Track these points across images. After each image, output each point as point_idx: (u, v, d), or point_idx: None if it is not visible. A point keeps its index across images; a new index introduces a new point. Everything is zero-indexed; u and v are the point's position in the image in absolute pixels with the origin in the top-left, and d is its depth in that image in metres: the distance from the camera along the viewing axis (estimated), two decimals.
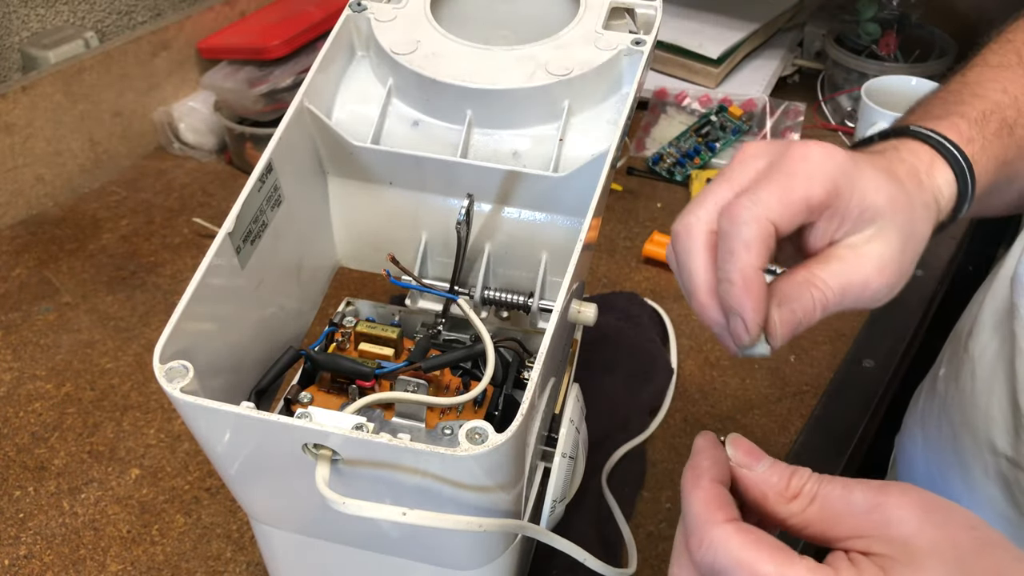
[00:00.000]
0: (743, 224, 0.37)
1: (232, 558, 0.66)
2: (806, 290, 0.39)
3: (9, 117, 0.95)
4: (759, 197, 0.38)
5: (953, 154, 0.45)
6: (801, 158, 0.39)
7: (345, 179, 0.59)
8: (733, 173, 0.41)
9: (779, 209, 0.38)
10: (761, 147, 0.41)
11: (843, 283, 0.39)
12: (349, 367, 0.51)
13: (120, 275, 0.92)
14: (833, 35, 1.15)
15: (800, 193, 0.38)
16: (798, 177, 0.38)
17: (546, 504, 0.52)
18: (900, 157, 0.44)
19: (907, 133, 0.46)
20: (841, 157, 0.39)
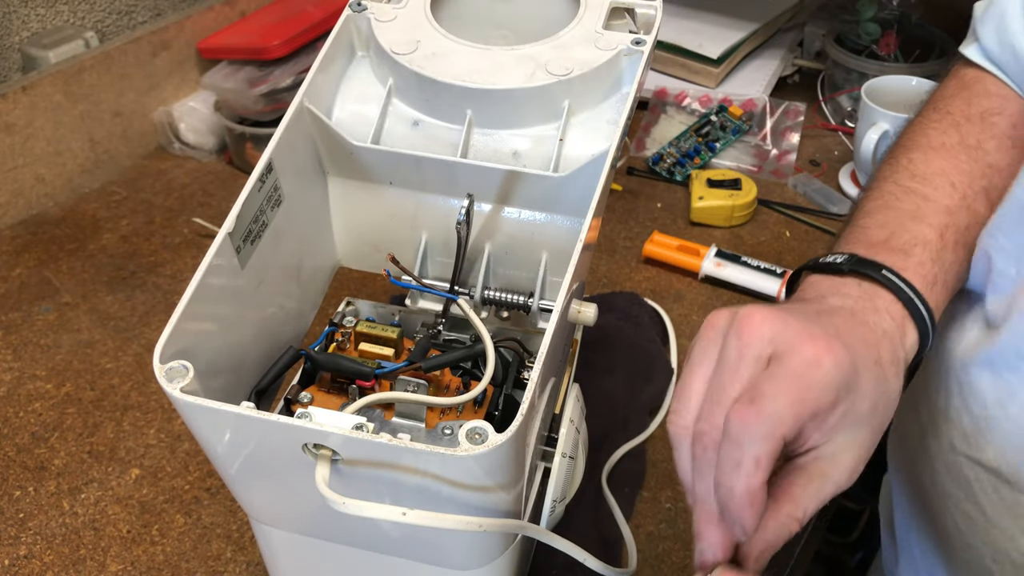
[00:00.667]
0: (757, 440, 0.37)
1: (232, 558, 0.66)
2: (786, 530, 0.40)
3: (9, 117, 0.95)
4: (774, 411, 0.37)
5: (922, 316, 0.46)
6: (814, 364, 0.38)
7: (345, 179, 0.59)
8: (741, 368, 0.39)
9: (791, 424, 0.37)
10: (767, 328, 0.39)
11: (822, 498, 0.40)
12: (349, 367, 0.51)
13: (120, 275, 0.92)
14: (833, 35, 1.15)
15: (812, 406, 0.38)
16: (812, 389, 0.38)
17: (546, 504, 0.52)
18: (884, 330, 0.44)
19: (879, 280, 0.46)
20: (847, 364, 0.39)
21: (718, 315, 0.41)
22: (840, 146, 1.11)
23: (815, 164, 1.07)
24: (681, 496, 0.70)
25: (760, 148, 1.08)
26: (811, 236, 0.96)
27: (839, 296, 0.45)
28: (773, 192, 1.02)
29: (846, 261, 0.47)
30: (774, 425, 0.37)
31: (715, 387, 0.40)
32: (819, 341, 0.38)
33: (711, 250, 0.90)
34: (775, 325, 0.39)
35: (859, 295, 0.45)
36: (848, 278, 0.46)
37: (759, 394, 0.38)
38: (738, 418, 0.37)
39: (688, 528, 0.67)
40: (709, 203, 0.96)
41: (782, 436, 0.37)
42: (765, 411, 0.37)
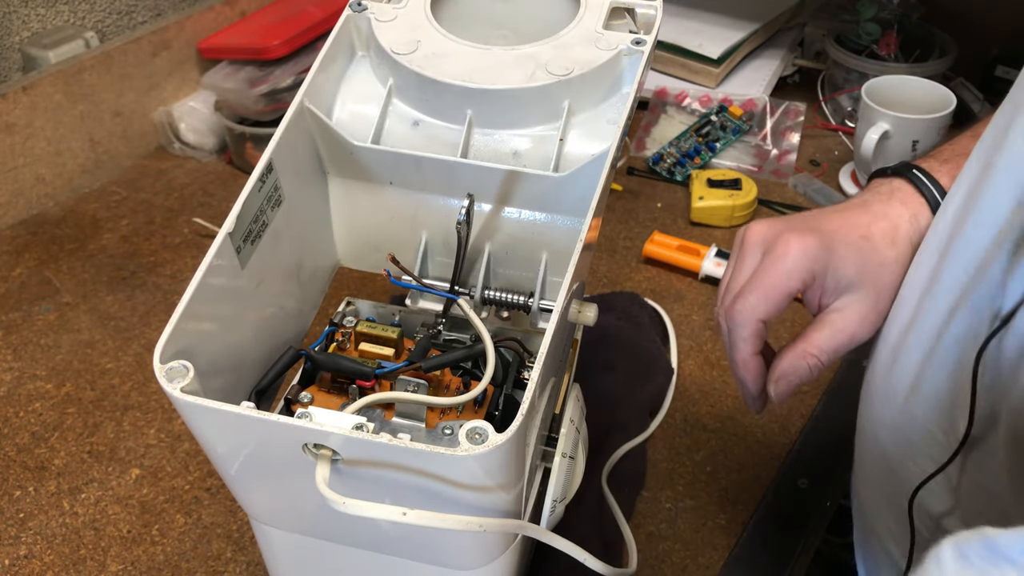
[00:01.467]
0: (740, 326, 0.51)
1: (232, 558, 0.66)
2: (803, 361, 0.51)
3: (9, 117, 0.95)
4: (748, 302, 0.51)
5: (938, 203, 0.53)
6: (782, 255, 0.50)
7: (345, 179, 0.59)
8: (743, 261, 0.53)
9: (765, 308, 0.50)
10: (761, 232, 0.52)
11: (835, 344, 0.51)
12: (349, 367, 0.51)
13: (120, 275, 0.92)
14: (833, 35, 1.15)
15: (781, 290, 0.50)
16: (779, 276, 0.50)
17: (546, 504, 0.52)
18: (885, 212, 0.53)
19: (907, 176, 0.55)
20: (814, 248, 0.50)
21: (740, 229, 0.55)
22: (840, 146, 1.11)
23: (815, 164, 1.07)
24: (681, 496, 0.70)
25: (760, 148, 1.08)
26: None
27: (868, 192, 0.56)
28: (773, 192, 1.02)
29: (893, 167, 0.56)
30: (750, 314, 0.51)
31: (729, 284, 0.53)
32: (789, 236, 0.50)
33: (711, 250, 0.90)
34: (766, 231, 0.52)
35: (884, 190, 0.55)
36: (888, 178, 0.56)
37: (740, 292, 0.51)
38: (727, 311, 0.52)
39: (688, 528, 0.67)
40: (709, 203, 0.96)
41: (758, 320, 0.51)
42: (741, 305, 0.51)
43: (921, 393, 0.50)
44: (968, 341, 0.46)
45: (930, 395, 0.49)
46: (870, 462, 0.57)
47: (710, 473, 0.72)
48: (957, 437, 0.47)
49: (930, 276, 0.50)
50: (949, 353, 0.48)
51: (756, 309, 0.51)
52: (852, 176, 1.03)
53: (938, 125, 0.94)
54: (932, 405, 0.49)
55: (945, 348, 0.48)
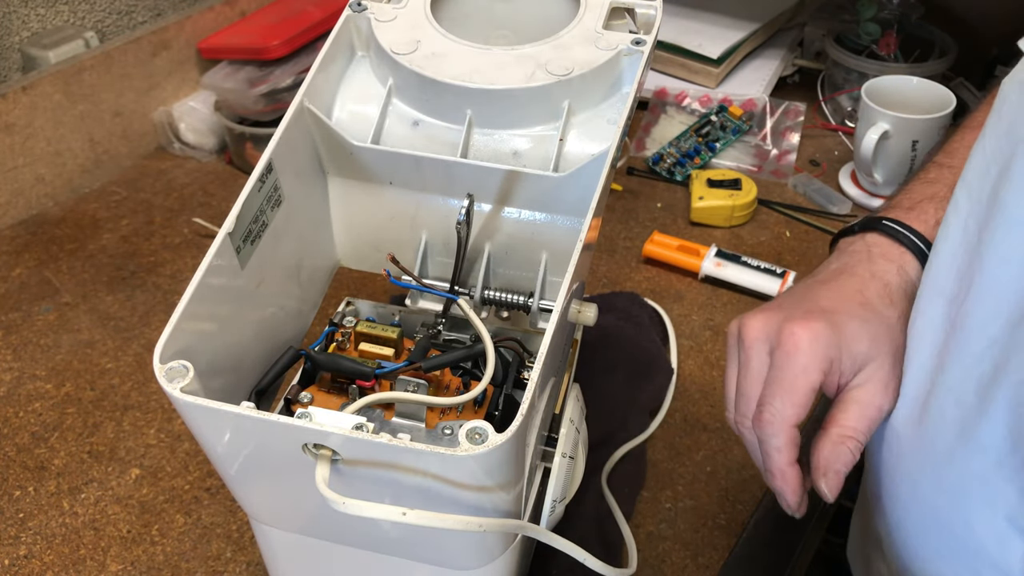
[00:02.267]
0: (772, 436, 0.48)
1: (232, 558, 0.66)
2: (843, 446, 0.48)
3: (9, 117, 0.95)
4: (775, 410, 0.48)
5: (921, 250, 0.52)
6: (792, 351, 0.48)
7: (345, 179, 0.59)
8: (749, 363, 0.50)
9: (794, 412, 0.48)
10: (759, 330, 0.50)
11: (867, 421, 0.49)
12: (349, 367, 0.51)
13: (120, 275, 0.92)
14: (833, 35, 1.15)
15: (804, 388, 0.48)
16: (798, 376, 0.48)
17: (546, 504, 0.52)
18: (872, 272, 0.52)
19: (880, 229, 0.54)
20: (825, 334, 0.48)
21: (732, 325, 0.52)
22: (840, 146, 1.11)
23: (815, 164, 1.07)
24: (681, 496, 0.70)
25: (760, 148, 1.08)
26: (811, 236, 0.96)
27: (844, 255, 0.54)
28: (773, 192, 1.02)
29: (858, 223, 0.55)
30: (780, 423, 0.48)
31: (741, 389, 0.51)
32: (794, 327, 0.48)
33: (711, 250, 0.90)
34: (764, 326, 0.50)
35: (860, 248, 0.54)
36: (858, 235, 0.55)
37: (763, 402, 0.49)
38: (756, 425, 0.49)
39: (688, 529, 0.67)
40: (709, 203, 0.96)
41: (791, 427, 0.48)
42: (769, 415, 0.48)
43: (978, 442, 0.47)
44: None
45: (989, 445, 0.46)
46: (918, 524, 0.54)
47: (710, 473, 0.72)
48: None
49: (946, 322, 0.48)
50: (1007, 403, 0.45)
51: (785, 415, 0.48)
52: (852, 176, 1.03)
53: (938, 125, 0.94)
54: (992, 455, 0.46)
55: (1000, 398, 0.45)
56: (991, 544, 0.48)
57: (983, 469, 0.47)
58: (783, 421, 0.48)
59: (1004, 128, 0.47)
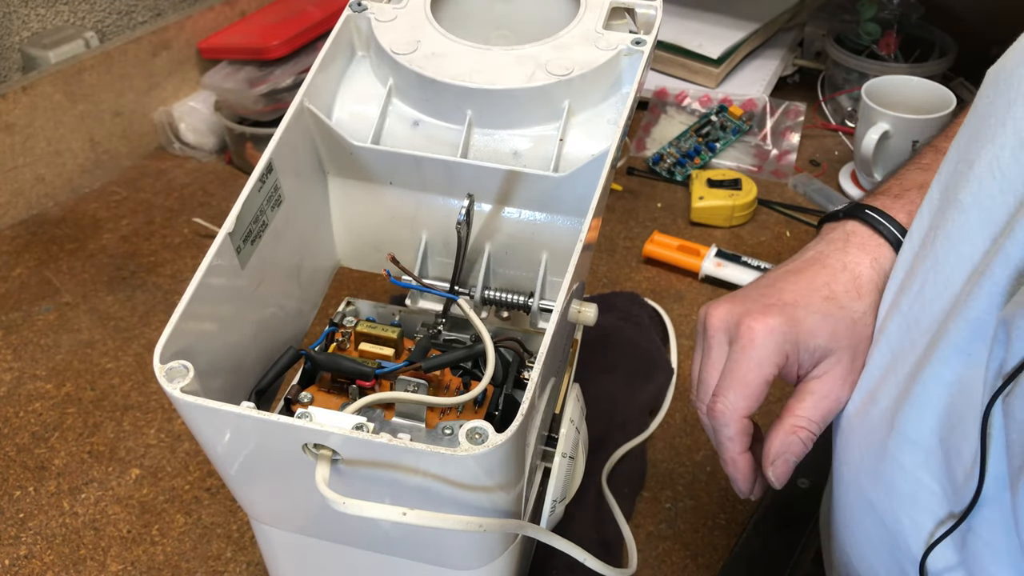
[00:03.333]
0: (724, 426, 0.50)
1: (232, 558, 0.66)
2: (794, 436, 0.49)
3: (9, 117, 0.95)
4: (728, 401, 0.49)
5: (899, 240, 0.51)
6: (748, 344, 0.48)
7: (345, 179, 0.59)
8: (711, 351, 0.51)
9: (745, 404, 0.49)
10: (720, 319, 0.50)
11: (822, 412, 0.50)
12: (349, 367, 0.51)
13: (120, 275, 0.92)
14: (833, 35, 1.15)
15: (757, 382, 0.48)
16: (751, 369, 0.48)
17: (546, 504, 0.52)
18: (844, 263, 0.52)
19: (861, 217, 0.53)
20: (780, 330, 0.48)
21: (701, 310, 0.52)
22: (840, 146, 1.11)
23: (815, 164, 1.07)
24: (681, 496, 0.70)
25: (760, 148, 1.08)
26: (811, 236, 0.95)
27: (823, 242, 0.54)
28: (773, 192, 1.02)
29: (843, 208, 0.55)
30: (732, 413, 0.49)
31: (701, 376, 0.52)
32: (751, 322, 0.48)
33: (711, 250, 0.90)
34: (725, 316, 0.50)
35: (838, 236, 0.53)
36: (841, 221, 0.54)
37: (718, 392, 0.50)
38: (710, 414, 0.50)
39: (688, 529, 0.67)
40: (709, 203, 0.96)
41: (741, 418, 0.49)
42: (722, 405, 0.49)
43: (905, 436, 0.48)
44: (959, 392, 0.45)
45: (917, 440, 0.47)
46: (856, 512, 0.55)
47: (710, 473, 0.72)
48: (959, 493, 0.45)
49: (902, 319, 0.49)
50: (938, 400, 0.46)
51: (737, 407, 0.49)
52: (852, 176, 1.03)
53: (938, 125, 0.94)
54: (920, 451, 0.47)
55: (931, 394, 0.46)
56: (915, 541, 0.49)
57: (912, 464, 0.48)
58: (734, 412, 0.49)
59: (976, 124, 0.47)
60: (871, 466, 0.51)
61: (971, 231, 0.45)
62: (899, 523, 0.50)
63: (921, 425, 0.47)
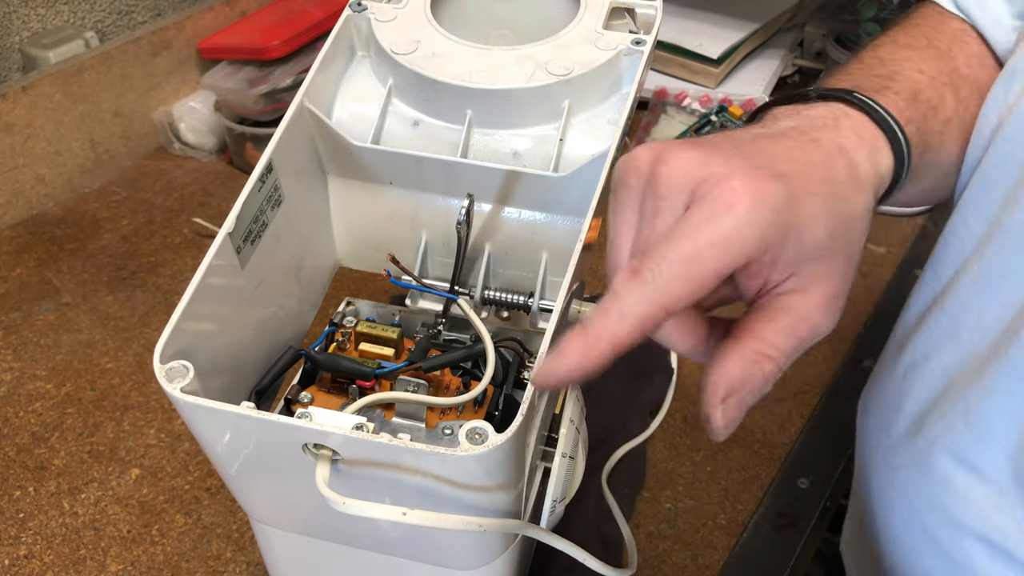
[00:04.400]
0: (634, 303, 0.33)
1: (232, 558, 0.66)
2: (757, 367, 0.35)
3: (9, 117, 0.95)
4: (660, 271, 0.33)
5: (897, 136, 0.42)
6: (724, 210, 0.33)
7: (345, 179, 0.59)
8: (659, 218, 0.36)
9: (680, 289, 0.33)
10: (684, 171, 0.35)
11: (795, 341, 0.36)
12: (349, 367, 0.51)
13: (120, 275, 0.92)
14: (833, 35, 1.15)
15: (712, 266, 0.33)
16: (713, 245, 0.33)
17: (546, 504, 0.52)
18: (839, 144, 0.40)
19: (851, 101, 0.42)
20: (776, 202, 0.34)
21: (639, 153, 0.37)
22: None
23: None
24: (681, 496, 0.70)
25: None
26: None
27: (794, 118, 0.41)
28: None
29: (813, 90, 0.43)
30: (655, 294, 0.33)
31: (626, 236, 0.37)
32: (737, 179, 0.34)
33: None
34: (693, 169, 0.35)
35: (821, 114, 0.41)
36: (817, 103, 0.43)
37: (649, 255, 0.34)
38: (622, 275, 0.34)
39: (688, 528, 0.67)
40: None
41: (661, 304, 0.33)
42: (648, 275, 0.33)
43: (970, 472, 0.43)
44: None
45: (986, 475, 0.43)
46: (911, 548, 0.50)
47: (710, 473, 0.72)
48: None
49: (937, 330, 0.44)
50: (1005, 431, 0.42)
51: (667, 287, 0.33)
52: None
53: None
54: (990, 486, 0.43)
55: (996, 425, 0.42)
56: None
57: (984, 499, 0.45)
58: (660, 291, 0.33)
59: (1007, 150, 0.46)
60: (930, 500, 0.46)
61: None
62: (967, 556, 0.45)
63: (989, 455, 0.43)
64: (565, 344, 0.34)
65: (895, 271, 0.89)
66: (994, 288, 0.46)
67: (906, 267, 0.89)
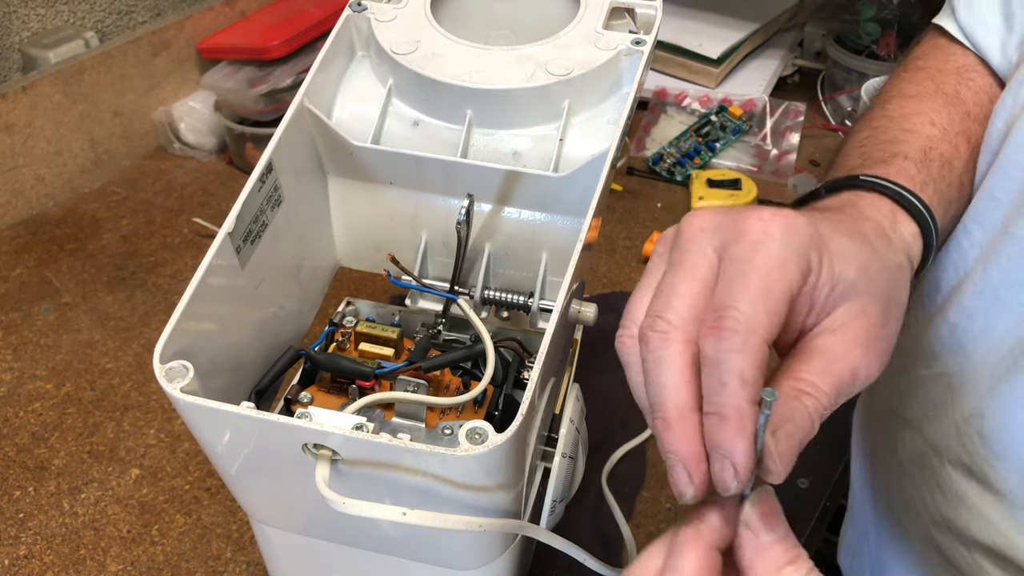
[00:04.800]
0: (735, 353, 0.32)
1: (232, 558, 0.66)
2: (799, 404, 0.34)
3: (9, 117, 0.95)
4: (743, 313, 0.32)
5: (914, 204, 0.42)
6: (765, 238, 0.33)
7: (345, 179, 0.59)
8: (687, 260, 0.35)
9: (768, 321, 0.32)
10: (708, 219, 0.36)
11: (834, 381, 0.35)
12: (349, 367, 0.51)
13: (120, 275, 0.92)
14: (833, 35, 1.15)
15: (781, 291, 0.33)
16: (772, 271, 0.33)
17: (546, 504, 0.52)
18: (862, 215, 0.40)
19: (859, 184, 0.43)
20: (803, 226, 0.34)
21: (665, 233, 0.38)
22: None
23: (815, 164, 1.07)
24: None
25: (760, 148, 1.08)
26: None
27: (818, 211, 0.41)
28: (773, 192, 1.02)
29: (822, 187, 0.44)
30: (748, 331, 0.32)
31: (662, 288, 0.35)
32: (764, 213, 0.34)
33: None
34: (716, 217, 0.35)
35: (837, 203, 0.42)
36: (824, 199, 0.43)
37: (720, 306, 0.33)
38: (709, 339, 0.33)
39: None
40: (709, 203, 0.96)
41: (762, 340, 0.32)
42: (733, 322, 0.32)
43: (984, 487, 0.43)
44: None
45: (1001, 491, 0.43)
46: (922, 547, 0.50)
47: None
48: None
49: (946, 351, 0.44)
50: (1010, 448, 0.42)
51: (757, 324, 0.32)
52: None
53: None
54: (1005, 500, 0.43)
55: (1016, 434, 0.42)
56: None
57: (998, 516, 0.44)
58: (751, 332, 0.32)
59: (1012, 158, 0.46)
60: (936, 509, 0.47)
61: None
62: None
63: (1001, 472, 0.43)
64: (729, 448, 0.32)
65: None
66: (1001, 298, 0.45)
67: None
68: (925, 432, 0.50)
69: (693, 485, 0.33)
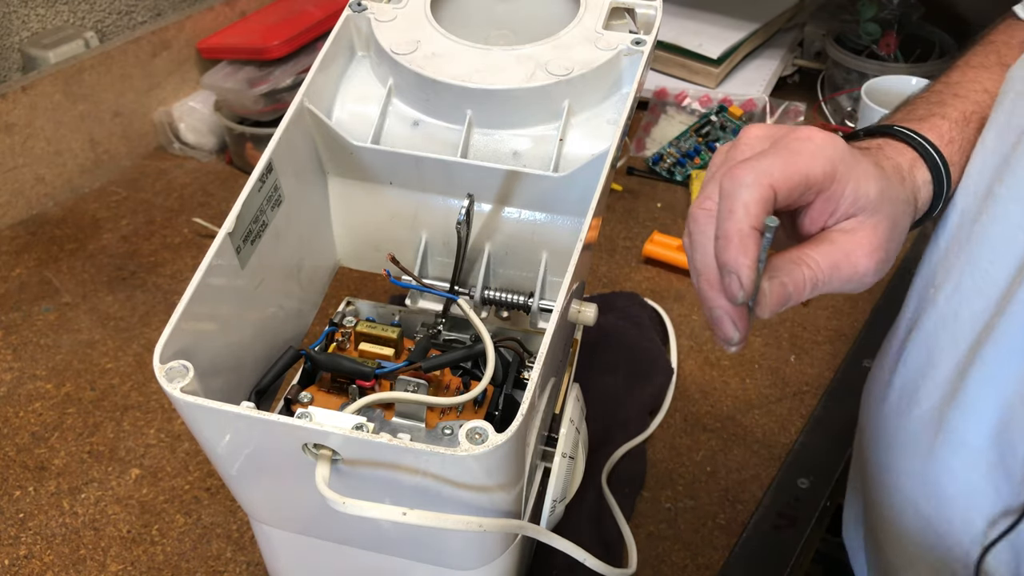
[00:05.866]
0: (744, 186, 0.39)
1: (232, 558, 0.66)
2: (797, 267, 0.40)
3: (9, 117, 0.95)
4: (762, 164, 0.39)
5: (932, 155, 0.48)
6: (805, 138, 0.41)
7: (345, 179, 0.59)
8: (738, 151, 0.43)
9: (780, 176, 0.39)
10: (764, 129, 0.43)
11: (833, 262, 0.41)
12: (349, 367, 0.51)
13: (120, 275, 0.92)
14: (833, 35, 1.15)
15: (802, 167, 0.40)
16: (801, 154, 0.40)
17: (546, 504, 0.52)
18: (885, 155, 0.47)
19: (890, 133, 0.49)
20: (841, 144, 0.41)
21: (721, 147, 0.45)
22: None
23: None
24: (681, 496, 0.70)
25: None
26: None
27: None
28: None
29: (861, 130, 0.51)
30: (761, 173, 0.39)
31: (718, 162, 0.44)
32: (813, 127, 0.42)
33: None
34: (771, 128, 0.43)
35: (866, 144, 0.49)
36: (859, 140, 0.50)
37: (752, 158, 0.40)
38: (729, 175, 0.40)
39: (688, 529, 0.67)
40: None
41: (769, 184, 0.39)
42: (753, 164, 0.39)
43: (955, 438, 0.45)
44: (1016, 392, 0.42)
45: (967, 442, 0.45)
46: (901, 519, 0.52)
47: (710, 473, 0.72)
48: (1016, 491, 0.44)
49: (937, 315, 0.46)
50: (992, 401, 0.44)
51: (771, 172, 0.39)
52: None
53: None
54: (970, 452, 0.45)
55: (983, 396, 0.44)
56: (969, 544, 0.47)
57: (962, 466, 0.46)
58: (767, 174, 0.39)
59: (1004, 120, 0.47)
60: (916, 469, 0.49)
61: (1011, 225, 0.45)
62: (950, 526, 0.47)
63: (972, 427, 0.45)
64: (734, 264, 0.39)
65: (896, 272, 0.89)
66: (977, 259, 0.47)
67: (906, 269, 0.89)
68: (908, 393, 0.51)
69: (739, 331, 0.41)
